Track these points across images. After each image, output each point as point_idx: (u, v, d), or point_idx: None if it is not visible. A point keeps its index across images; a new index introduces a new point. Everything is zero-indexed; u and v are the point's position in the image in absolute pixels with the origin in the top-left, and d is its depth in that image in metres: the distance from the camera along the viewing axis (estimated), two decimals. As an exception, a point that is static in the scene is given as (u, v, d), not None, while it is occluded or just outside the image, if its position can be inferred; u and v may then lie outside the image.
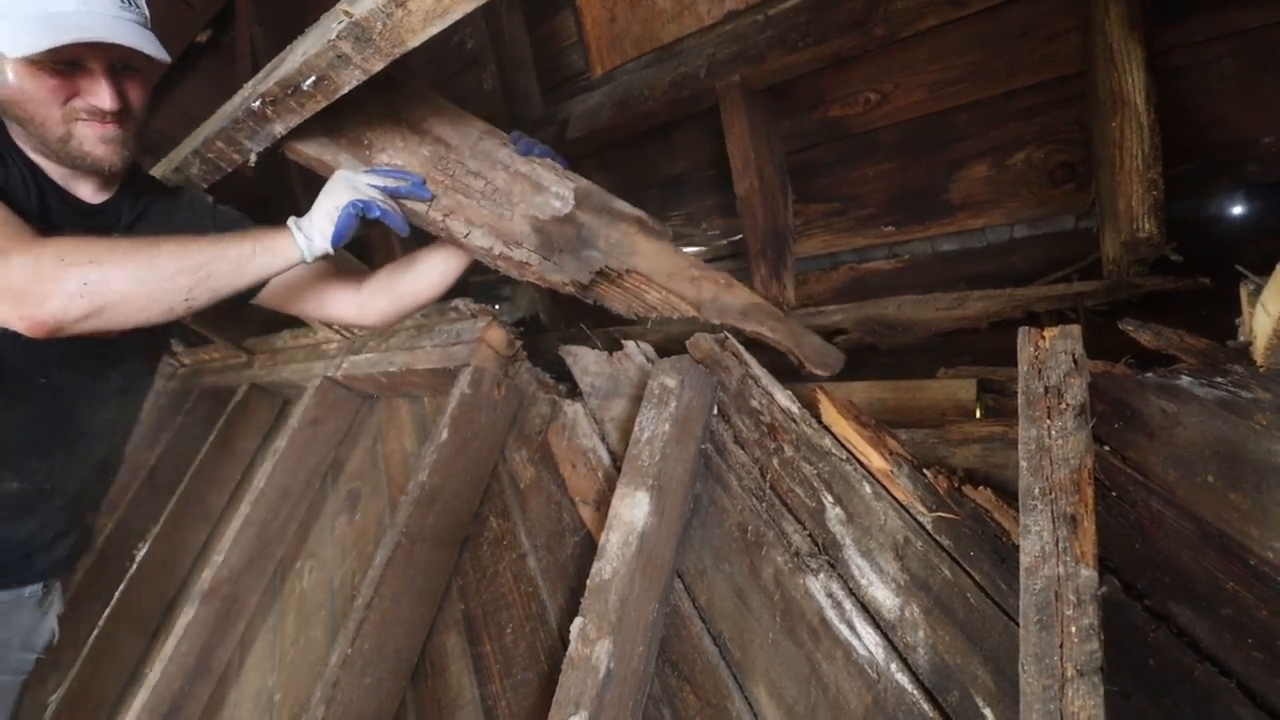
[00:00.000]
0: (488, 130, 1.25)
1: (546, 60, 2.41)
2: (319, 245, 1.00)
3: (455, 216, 1.13)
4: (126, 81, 0.99)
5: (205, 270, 0.93)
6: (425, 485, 1.43)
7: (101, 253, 0.88)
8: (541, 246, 1.14)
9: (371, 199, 1.02)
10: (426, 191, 1.11)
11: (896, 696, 0.86)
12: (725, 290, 1.18)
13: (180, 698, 1.70)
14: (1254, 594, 0.72)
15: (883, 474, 0.99)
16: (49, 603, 1.25)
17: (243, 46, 3.01)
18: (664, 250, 1.19)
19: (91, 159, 1.00)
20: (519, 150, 1.22)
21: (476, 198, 1.16)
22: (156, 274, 0.90)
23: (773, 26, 1.72)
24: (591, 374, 1.48)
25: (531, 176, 1.20)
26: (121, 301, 0.89)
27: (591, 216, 1.18)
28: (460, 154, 1.20)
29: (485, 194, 1.17)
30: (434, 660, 1.44)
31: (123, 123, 1.00)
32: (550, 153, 1.23)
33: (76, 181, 1.07)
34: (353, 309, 1.28)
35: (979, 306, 1.49)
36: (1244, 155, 1.27)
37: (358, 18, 0.81)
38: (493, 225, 1.14)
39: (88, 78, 0.95)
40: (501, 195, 1.17)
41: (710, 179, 2.07)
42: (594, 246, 1.16)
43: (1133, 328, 0.92)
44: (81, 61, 0.93)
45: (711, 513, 1.15)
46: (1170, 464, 0.82)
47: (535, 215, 1.16)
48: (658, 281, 1.17)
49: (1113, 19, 1.26)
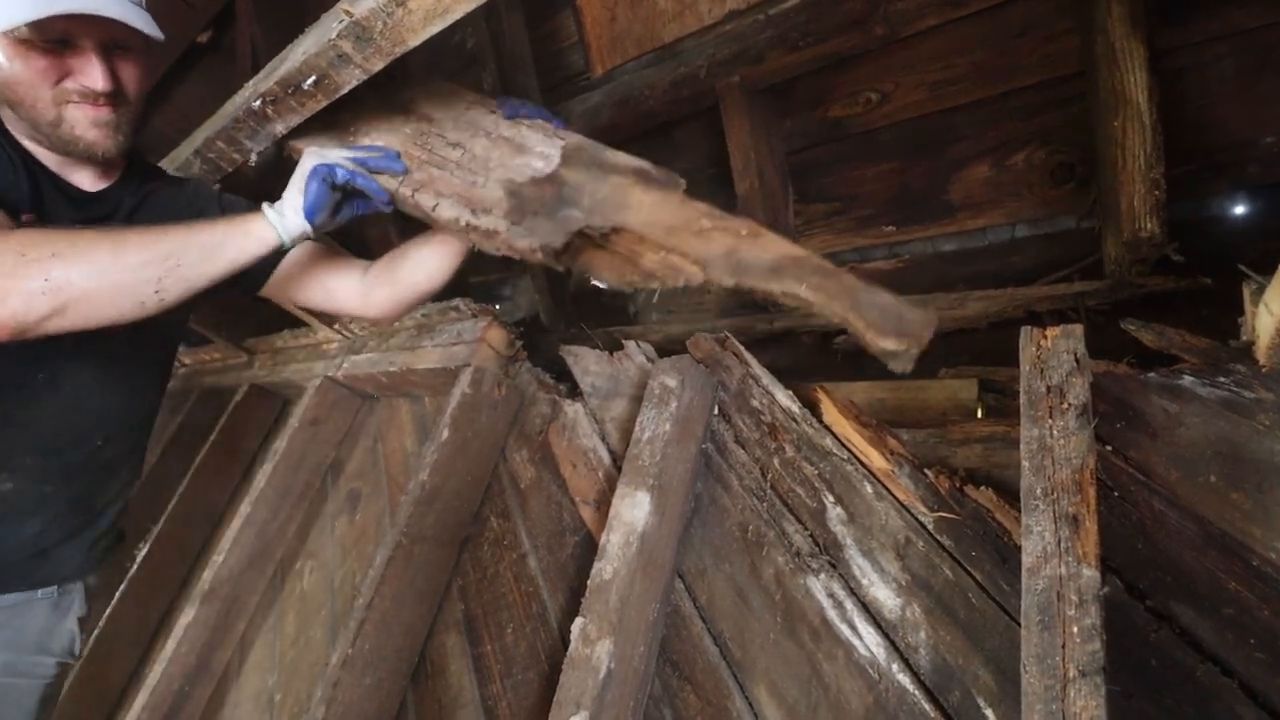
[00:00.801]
0: (476, 100, 1.18)
1: (547, 60, 2.41)
2: (293, 221, 0.95)
3: (425, 190, 1.05)
4: (120, 61, 0.95)
5: (175, 259, 0.87)
6: (425, 485, 1.43)
7: (64, 245, 0.83)
8: (513, 211, 1.00)
9: (338, 163, 0.96)
10: (400, 164, 1.04)
11: (898, 697, 0.86)
12: (748, 242, 0.91)
13: (180, 698, 1.70)
14: (1256, 594, 0.72)
15: (884, 474, 0.99)
16: (66, 605, 1.19)
17: (243, 46, 3.01)
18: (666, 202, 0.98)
19: (84, 144, 0.96)
20: (505, 114, 1.13)
21: (450, 168, 1.07)
22: (122, 265, 0.85)
23: (773, 26, 1.72)
24: (592, 374, 1.48)
25: (515, 139, 1.10)
26: (86, 298, 0.83)
27: (578, 173, 1.03)
28: (442, 126, 1.13)
29: (461, 164, 1.07)
30: (434, 660, 1.43)
31: (116, 106, 0.96)
32: (541, 113, 1.12)
33: (74, 170, 1.04)
34: (355, 299, 1.21)
35: (980, 306, 1.49)
36: (1245, 155, 1.27)
37: (358, 17, 0.81)
38: (462, 194, 1.04)
39: (79, 56, 0.91)
40: (479, 163, 1.08)
41: (711, 179, 2.07)
42: (576, 205, 0.99)
43: (1135, 327, 0.92)
44: (73, 40, 0.90)
45: (712, 512, 1.15)
46: (1172, 464, 0.82)
47: (511, 179, 1.04)
48: (654, 240, 0.94)
49: (1115, 19, 1.26)
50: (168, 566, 2.30)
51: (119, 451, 1.20)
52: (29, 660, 1.15)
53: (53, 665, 1.18)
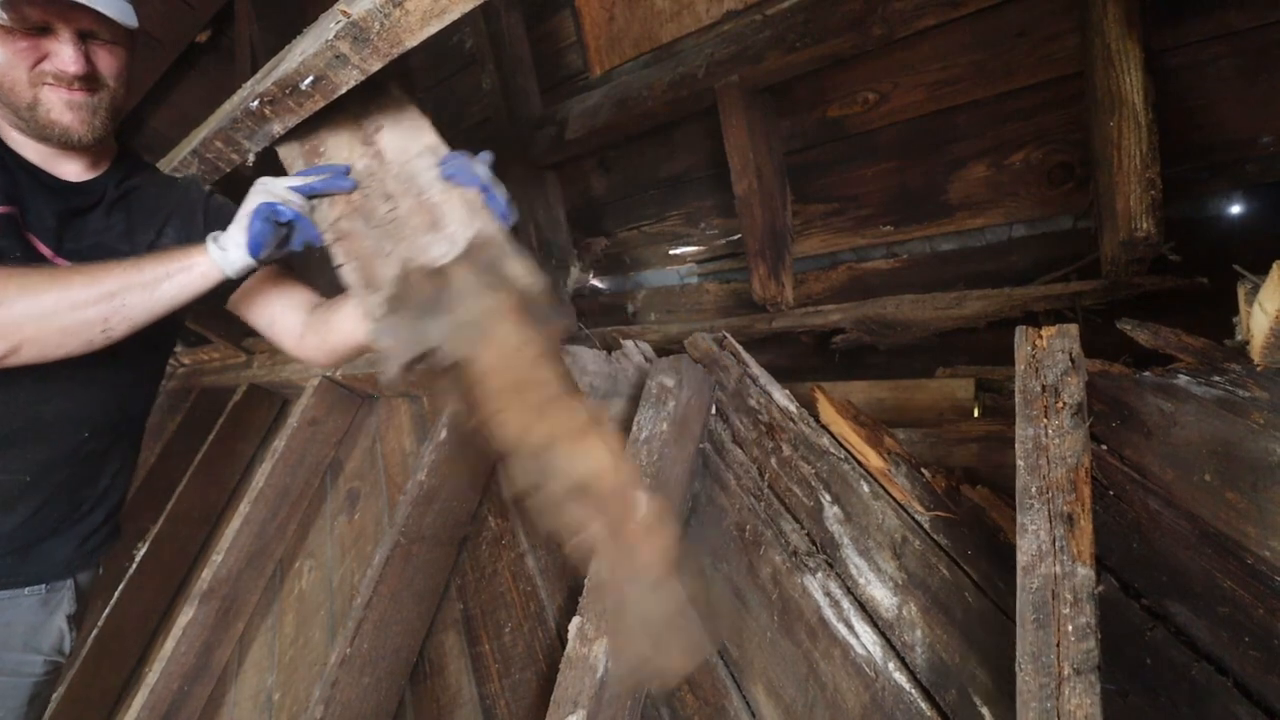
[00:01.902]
0: (432, 147, 1.04)
1: (545, 60, 2.41)
2: (235, 257, 0.94)
3: (342, 243, 0.96)
4: (97, 49, 0.98)
5: (120, 298, 0.91)
6: (424, 485, 1.43)
7: (12, 291, 0.87)
8: (393, 300, 0.89)
9: (284, 200, 0.95)
10: (348, 182, 0.99)
11: (894, 695, 0.86)
12: (569, 442, 0.79)
13: (180, 698, 1.70)
14: (1251, 592, 0.73)
15: (880, 473, 1.00)
16: (56, 603, 1.19)
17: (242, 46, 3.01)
18: (524, 350, 0.83)
19: (59, 128, 0.99)
20: (443, 173, 0.99)
21: (372, 226, 0.97)
22: (69, 304, 0.88)
23: (771, 26, 1.72)
24: (590, 373, 1.48)
25: (436, 210, 0.97)
26: (35, 340, 0.88)
27: (471, 276, 0.89)
28: (387, 171, 1.02)
29: (382, 224, 0.97)
30: (433, 660, 1.44)
31: (91, 90, 0.99)
32: (477, 180, 0.98)
33: (60, 161, 1.06)
34: (292, 339, 1.18)
35: (977, 306, 1.49)
36: (1241, 155, 1.27)
37: (355, 18, 0.81)
38: (365, 262, 0.94)
39: (55, 41, 0.95)
40: (396, 228, 0.96)
41: (709, 179, 2.07)
42: (444, 317, 0.86)
43: (1130, 327, 0.93)
44: (51, 26, 0.94)
45: (710, 512, 1.15)
46: (1167, 463, 0.82)
47: (410, 259, 0.92)
48: (491, 387, 0.81)
49: (1110, 19, 1.26)
50: (167, 566, 2.30)
51: (103, 446, 1.19)
52: (16, 658, 1.15)
53: (41, 664, 1.18)
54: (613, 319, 2.48)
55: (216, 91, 1.50)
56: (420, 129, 1.07)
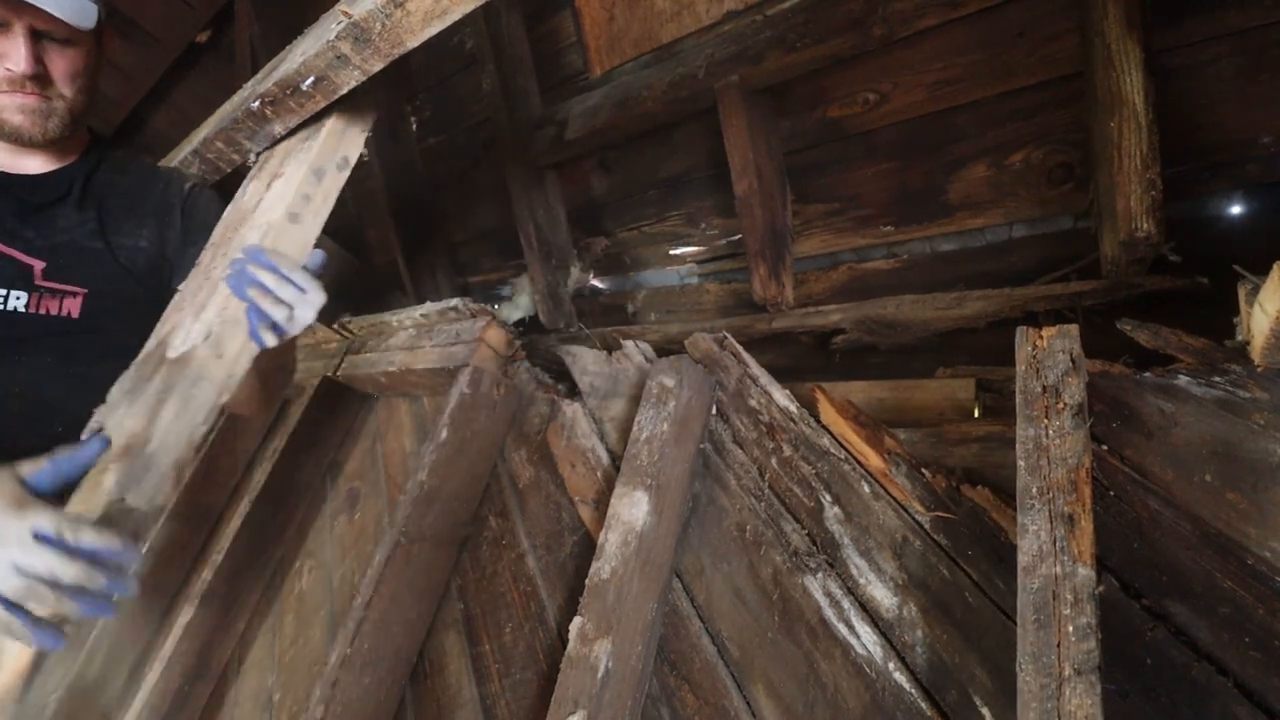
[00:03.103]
0: (274, 224, 0.94)
1: (545, 60, 2.41)
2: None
3: (178, 303, 0.95)
4: (52, 50, 0.96)
5: None
6: (424, 485, 1.43)
7: None
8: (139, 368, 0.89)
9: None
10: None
11: (894, 695, 0.86)
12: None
13: (180, 698, 1.70)
14: (1251, 593, 0.73)
15: (881, 473, 1.00)
16: None
17: (242, 46, 3.01)
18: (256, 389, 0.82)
19: (9, 128, 0.98)
20: (229, 283, 0.88)
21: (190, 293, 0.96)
22: None
23: (771, 27, 1.72)
24: (590, 374, 1.48)
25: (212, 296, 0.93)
26: None
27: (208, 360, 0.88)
28: (228, 248, 0.96)
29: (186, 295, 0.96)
30: (433, 660, 1.44)
31: (44, 92, 0.97)
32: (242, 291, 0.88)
33: (19, 156, 1.05)
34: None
35: (977, 306, 1.49)
36: (1242, 155, 1.27)
37: (356, 18, 0.81)
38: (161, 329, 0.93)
39: (6, 40, 0.92)
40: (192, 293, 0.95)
41: (709, 179, 2.07)
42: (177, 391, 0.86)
43: (1130, 327, 0.93)
44: (8, 23, 0.92)
45: (710, 512, 1.15)
46: (1168, 463, 0.82)
47: (163, 340, 0.92)
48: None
49: (1111, 19, 1.26)
50: (167, 566, 2.30)
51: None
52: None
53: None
54: (613, 319, 2.48)
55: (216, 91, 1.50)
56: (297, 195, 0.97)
